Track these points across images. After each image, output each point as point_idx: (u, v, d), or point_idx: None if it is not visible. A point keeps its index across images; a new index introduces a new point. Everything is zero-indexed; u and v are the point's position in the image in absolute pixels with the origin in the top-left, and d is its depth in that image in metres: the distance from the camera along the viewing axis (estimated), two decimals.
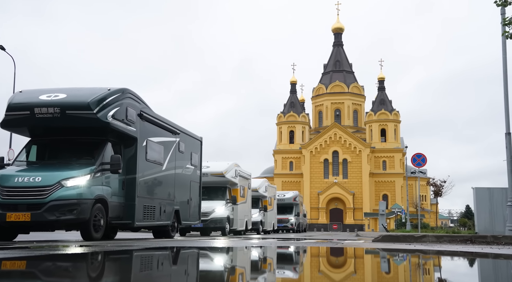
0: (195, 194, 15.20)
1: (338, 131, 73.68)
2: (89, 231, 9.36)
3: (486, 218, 16.36)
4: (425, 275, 4.64)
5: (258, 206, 26.38)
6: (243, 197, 21.59)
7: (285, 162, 76.17)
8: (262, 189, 27.19)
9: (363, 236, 22.33)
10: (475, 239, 12.15)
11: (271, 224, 28.77)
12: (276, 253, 7.59)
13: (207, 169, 18.32)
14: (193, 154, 15.03)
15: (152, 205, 11.73)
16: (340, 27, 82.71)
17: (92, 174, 9.57)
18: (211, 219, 18.06)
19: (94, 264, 5.17)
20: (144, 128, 11.49)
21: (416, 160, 19.84)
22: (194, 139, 15.48)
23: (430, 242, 12.09)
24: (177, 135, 13.53)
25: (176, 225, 13.59)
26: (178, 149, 13.59)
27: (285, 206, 34.32)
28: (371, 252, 8.37)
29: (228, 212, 19.01)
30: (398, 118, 75.22)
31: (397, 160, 73.17)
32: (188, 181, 14.53)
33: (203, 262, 5.91)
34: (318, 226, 65.77)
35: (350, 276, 4.52)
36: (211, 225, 18.08)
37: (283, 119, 77.42)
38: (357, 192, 71.72)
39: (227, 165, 19.64)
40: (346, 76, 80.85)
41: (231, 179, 19.73)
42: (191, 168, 14.76)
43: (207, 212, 17.86)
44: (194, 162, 15.06)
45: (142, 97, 11.69)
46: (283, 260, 6.53)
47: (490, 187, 16.94)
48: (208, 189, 18.63)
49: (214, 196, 18.92)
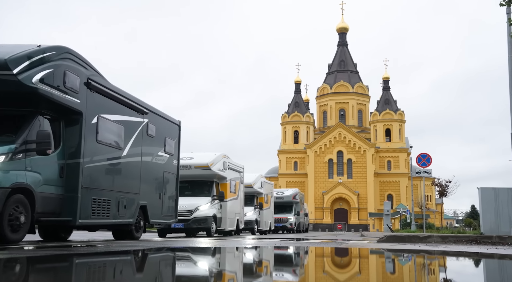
0: (171, 188, 13.14)
1: (343, 131, 73.54)
2: (2, 230, 7.13)
3: (491, 218, 16.30)
4: (430, 276, 4.63)
5: (253, 204, 23.99)
6: (233, 193, 19.20)
7: (290, 162, 76.10)
8: (257, 184, 24.66)
9: (367, 236, 22.28)
10: (480, 240, 12.10)
11: (267, 224, 26.58)
12: (259, 259, 6.90)
13: (190, 160, 16.67)
14: (167, 140, 12.81)
15: (105, 199, 9.53)
16: (345, 27, 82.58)
17: (9, 154, 7.37)
18: (194, 218, 16.01)
19: None
20: (94, 101, 9.22)
21: (421, 160, 19.76)
22: (170, 122, 13.16)
23: (435, 242, 12.05)
24: (145, 116, 11.37)
25: (143, 223, 11.54)
26: (146, 131, 11.43)
27: (284, 204, 32.04)
28: (376, 252, 8.35)
29: (214, 210, 16.83)
30: (403, 118, 75.01)
31: (402, 160, 72.95)
32: (161, 171, 12.39)
33: (151, 270, 4.66)
34: (322, 226, 65.68)
35: (355, 277, 4.51)
36: (193, 224, 15.97)
37: (287, 119, 77.37)
38: (362, 192, 71.56)
39: (214, 156, 17.38)
40: (351, 76, 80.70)
41: (219, 172, 17.49)
42: (164, 156, 12.57)
43: (190, 210, 16.03)
44: (169, 149, 12.88)
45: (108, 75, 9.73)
46: (273, 267, 5.70)
47: (496, 187, 16.88)
48: (192, 183, 17.01)
49: (198, 192, 16.96)
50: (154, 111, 11.98)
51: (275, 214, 29.29)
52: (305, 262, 6.21)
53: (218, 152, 18.06)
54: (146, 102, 11.61)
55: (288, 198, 32.44)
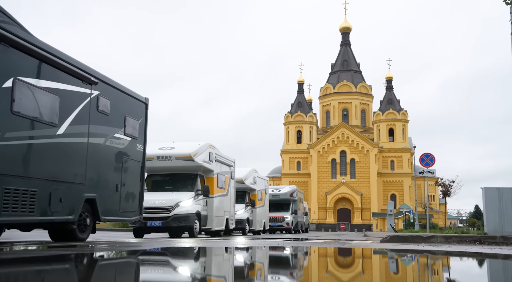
0: (133, 178, 10.95)
1: (346, 131, 73.46)
2: None
3: (495, 218, 16.25)
4: (434, 276, 4.62)
5: (244, 201, 21.95)
6: (222, 189, 17.28)
7: (293, 162, 76.07)
8: (250, 180, 22.52)
9: (371, 236, 22.24)
10: (484, 240, 12.07)
11: (261, 223, 24.27)
12: None
13: (171, 150, 15.10)
14: (129, 120, 10.67)
15: (27, 189, 7.44)
16: (348, 27, 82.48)
17: None
18: (174, 216, 14.03)
19: None
20: (7, 58, 7.11)
21: (425, 159, 19.71)
22: (132, 99, 10.96)
23: (438, 243, 12.02)
24: (94, 87, 9.22)
25: (91, 221, 9.37)
26: (96, 106, 9.26)
27: (280, 202, 29.77)
28: (380, 252, 8.33)
29: (198, 206, 14.89)
30: (406, 118, 74.86)
31: (405, 160, 72.82)
32: (119, 157, 10.32)
33: None
34: (325, 226, 65.63)
35: (358, 277, 4.50)
36: (173, 223, 14.02)
37: (290, 119, 77.34)
38: (365, 192, 71.46)
39: (198, 146, 15.46)
40: (354, 76, 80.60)
41: (203, 164, 15.57)
42: (124, 140, 10.48)
43: (169, 207, 14.12)
44: (130, 132, 10.76)
45: None
46: None
47: (500, 187, 16.82)
48: (173, 176, 15.48)
49: (180, 186, 15.16)
50: (108, 82, 9.82)
51: (271, 213, 27.19)
52: (304, 265, 6.19)
53: (203, 142, 16.04)
54: (98, 71, 9.48)
55: (284, 196, 30.31)
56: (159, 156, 15.14)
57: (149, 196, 14.16)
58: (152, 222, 13.94)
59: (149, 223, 13.92)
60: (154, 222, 13.97)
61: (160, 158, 15.07)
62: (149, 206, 13.80)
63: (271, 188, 29.66)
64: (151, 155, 14.62)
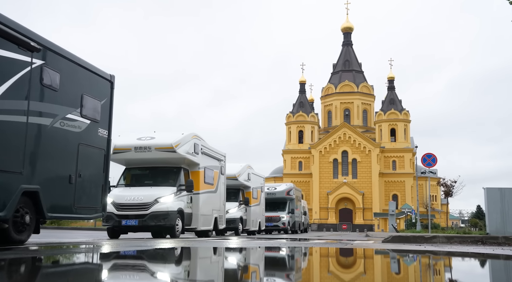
0: (94, 168, 9.41)
1: (348, 131, 73.40)
2: None
3: (497, 218, 16.23)
4: (436, 276, 4.61)
5: (238, 199, 20.62)
6: (210, 185, 15.88)
7: (294, 161, 76.04)
8: (243, 176, 21.10)
9: (372, 236, 22.22)
10: (486, 240, 12.05)
11: (256, 223, 22.82)
12: None
13: (150, 140, 13.67)
14: (87, 99, 9.06)
15: None
16: (350, 27, 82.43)
17: None
18: (152, 213, 12.51)
19: None
20: None
21: (426, 160, 19.69)
22: (92, 74, 9.36)
23: (440, 243, 12.00)
24: (36, 55, 7.53)
25: (32, 219, 7.67)
26: (39, 79, 7.62)
27: (276, 201, 28.16)
28: (381, 252, 8.32)
29: (181, 203, 13.45)
30: (408, 118, 74.79)
31: (407, 160, 72.75)
32: (73, 143, 8.72)
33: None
34: (327, 226, 65.60)
35: (359, 277, 4.49)
36: (151, 221, 12.51)
37: (292, 119, 77.32)
38: (367, 192, 71.40)
39: (181, 136, 13.94)
40: (356, 76, 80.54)
41: (187, 156, 14.05)
42: (81, 122, 8.88)
43: (146, 203, 12.64)
44: (90, 113, 9.16)
45: None
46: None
47: (502, 187, 16.79)
48: (153, 170, 14.15)
49: (161, 181, 13.79)
50: (58, 52, 8.13)
51: (266, 212, 25.63)
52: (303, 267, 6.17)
53: (188, 131, 14.47)
54: (45, 38, 7.87)
55: (280, 194, 28.64)
56: (137, 147, 13.69)
57: (126, 192, 13.23)
58: (127, 221, 12.50)
59: (124, 222, 12.50)
60: (129, 221, 12.51)
61: (139, 149, 13.63)
62: (124, 202, 12.74)
63: (267, 186, 27.56)
64: (128, 146, 13.63)
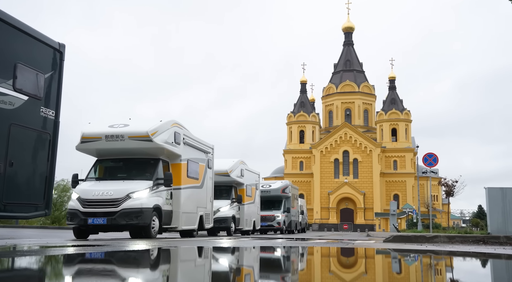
0: (33, 156, 8.38)
1: (349, 131, 73.38)
2: None
3: (498, 218, 16.21)
4: (437, 276, 4.60)
5: (230, 196, 19.40)
6: (194, 179, 14.55)
7: (295, 161, 76.03)
8: (236, 172, 19.89)
9: (374, 236, 22.21)
10: (487, 240, 12.03)
11: (250, 222, 21.62)
12: None
13: (124, 128, 12.13)
14: (22, 69, 7.92)
15: None
16: (351, 27, 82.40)
17: None
18: (123, 211, 11.04)
19: None
20: None
21: (428, 159, 19.67)
22: (32, 40, 8.12)
23: (442, 243, 11.99)
24: None
25: None
26: None
27: (270, 199, 26.75)
28: (383, 252, 8.31)
29: (158, 199, 11.98)
30: (409, 118, 74.76)
31: (408, 160, 72.71)
32: (2, 123, 7.66)
33: None
34: (328, 226, 65.60)
35: (360, 277, 4.49)
36: (122, 220, 11.01)
37: (293, 119, 77.31)
38: (368, 192, 71.38)
39: (158, 123, 12.40)
40: (357, 76, 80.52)
41: (166, 146, 12.51)
42: (13, 97, 7.70)
43: (117, 199, 11.14)
44: (27, 87, 8.02)
45: None
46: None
47: (503, 187, 16.77)
48: (126, 162, 12.71)
49: (135, 174, 12.35)
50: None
51: (260, 211, 24.53)
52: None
53: (168, 118, 13.01)
54: None
55: (275, 192, 27.13)
56: (108, 135, 12.07)
57: (95, 186, 11.74)
58: (95, 219, 10.99)
59: (90, 220, 10.97)
60: (97, 219, 11.01)
61: (110, 138, 12.04)
62: (91, 198, 11.22)
63: (261, 183, 26.13)
64: (98, 134, 12.15)
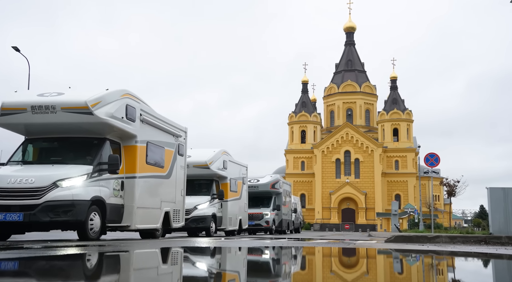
0: None
1: (350, 131, 73.35)
2: None
3: (500, 218, 16.17)
4: (439, 276, 4.60)
5: (210, 192, 16.89)
6: (157, 167, 11.85)
7: (297, 161, 76.02)
8: (217, 164, 17.39)
9: (375, 236, 22.20)
10: (489, 240, 12.02)
11: (235, 221, 19.04)
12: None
13: (56, 97, 9.53)
14: None
15: None
16: (352, 27, 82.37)
17: None
18: (47, 204, 8.62)
19: None
20: None
21: (429, 159, 19.65)
22: None
23: (443, 243, 11.98)
24: None
25: None
26: None
27: (258, 195, 24.07)
28: (384, 252, 8.31)
29: (101, 190, 9.56)
30: (411, 118, 74.72)
31: (410, 160, 72.67)
32: None
33: None
34: (330, 226, 65.60)
35: (362, 277, 4.49)
36: (44, 216, 8.54)
37: (294, 119, 77.29)
38: (369, 192, 71.34)
39: (103, 93, 9.80)
40: (358, 76, 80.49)
41: (112, 121, 9.82)
42: None
43: (39, 188, 8.67)
44: None
45: None
46: None
47: (505, 187, 16.73)
48: (61, 142, 10.19)
49: (71, 157, 9.82)
50: None
51: (247, 209, 22.08)
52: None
53: (120, 87, 10.32)
54: None
55: (264, 187, 24.36)
56: (35, 106, 9.42)
57: (14, 172, 9.20)
58: (7, 214, 8.47)
59: (1, 216, 8.47)
60: (9, 214, 8.47)
61: (38, 109, 9.40)
62: (4, 186, 8.66)
63: (248, 178, 23.21)
64: (22, 104, 9.56)
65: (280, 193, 25.71)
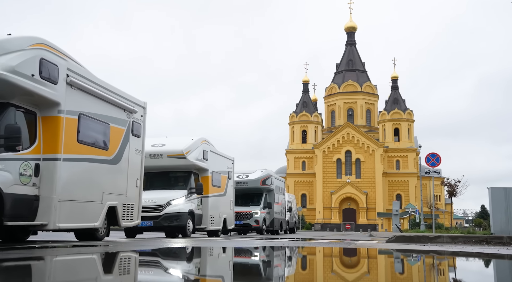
0: None
1: (351, 131, 73.34)
2: None
3: (502, 218, 16.16)
4: (440, 276, 4.59)
5: (187, 186, 14.54)
6: (99, 148, 9.46)
7: (298, 161, 76.02)
8: (195, 154, 14.92)
9: (376, 236, 22.18)
10: (490, 240, 12.00)
11: (218, 220, 16.71)
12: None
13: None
14: None
15: None
16: (353, 26, 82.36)
17: None
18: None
19: None
20: None
21: (430, 159, 19.62)
22: None
23: (444, 243, 11.97)
24: None
25: None
26: None
27: (247, 192, 22.13)
28: (385, 252, 8.29)
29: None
30: (412, 118, 74.70)
31: (411, 160, 72.64)
32: None
33: None
34: (331, 226, 65.60)
35: (363, 277, 4.48)
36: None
37: (295, 119, 77.30)
38: (370, 192, 71.32)
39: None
40: (359, 76, 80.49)
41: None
42: None
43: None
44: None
45: None
46: None
47: (506, 187, 16.72)
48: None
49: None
50: None
51: (235, 207, 19.64)
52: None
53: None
54: None
55: (253, 183, 22.16)
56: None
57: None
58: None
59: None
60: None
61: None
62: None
63: (237, 173, 20.96)
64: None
65: (271, 190, 23.64)
